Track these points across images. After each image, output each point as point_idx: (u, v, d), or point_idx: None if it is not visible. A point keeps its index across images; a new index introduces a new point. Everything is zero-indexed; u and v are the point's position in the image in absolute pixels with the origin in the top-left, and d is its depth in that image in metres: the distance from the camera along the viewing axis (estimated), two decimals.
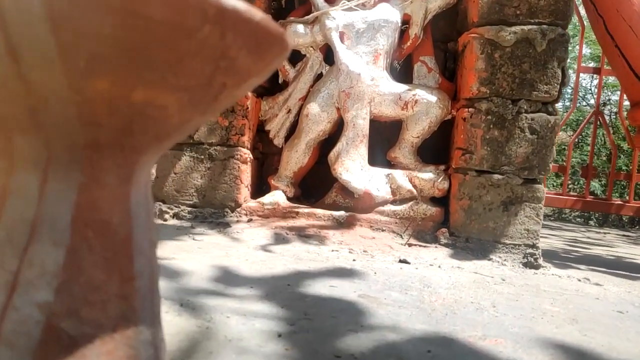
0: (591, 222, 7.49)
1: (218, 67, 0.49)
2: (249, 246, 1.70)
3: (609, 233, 4.50)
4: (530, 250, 1.90)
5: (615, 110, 9.25)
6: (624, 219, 6.93)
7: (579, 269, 2.01)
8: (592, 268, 2.05)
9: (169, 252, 1.49)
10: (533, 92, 1.92)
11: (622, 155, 7.02)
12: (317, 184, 2.32)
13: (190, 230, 1.91)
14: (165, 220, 2.07)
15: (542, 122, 1.93)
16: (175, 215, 2.09)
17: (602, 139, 7.42)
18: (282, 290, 1.17)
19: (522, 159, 1.92)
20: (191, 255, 1.48)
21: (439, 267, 1.68)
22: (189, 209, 2.09)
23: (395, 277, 1.45)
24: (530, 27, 1.92)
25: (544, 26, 1.92)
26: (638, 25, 2.09)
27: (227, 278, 1.25)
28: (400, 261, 1.70)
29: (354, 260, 1.64)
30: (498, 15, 1.94)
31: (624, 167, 6.74)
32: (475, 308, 1.22)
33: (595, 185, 6.88)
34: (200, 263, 1.38)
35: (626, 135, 4.54)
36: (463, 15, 2.15)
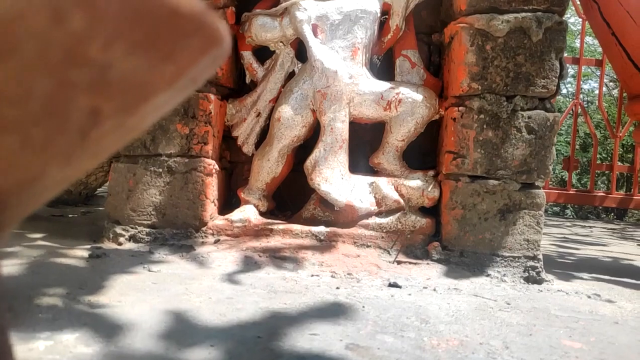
0: (567, 212, 7.46)
1: (69, 80, 0.25)
2: (214, 276, 1.46)
3: (594, 226, 4.40)
4: (531, 263, 1.71)
5: (587, 99, 9.26)
6: (599, 207, 6.91)
7: (582, 278, 1.83)
8: (595, 276, 1.88)
9: (115, 293, 1.24)
10: (529, 88, 1.73)
11: (588, 154, 6.99)
12: (293, 194, 2.09)
13: (148, 256, 1.65)
14: (120, 244, 1.81)
15: (540, 120, 1.73)
16: (132, 238, 1.83)
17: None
18: (251, 347, 0.94)
19: (520, 161, 1.73)
20: (143, 295, 1.23)
21: (434, 290, 1.47)
22: (148, 229, 1.84)
23: (388, 310, 1.23)
24: (524, 14, 1.72)
25: (540, 13, 1.72)
26: (637, 10, 1.91)
27: (184, 331, 1.01)
28: (390, 285, 1.48)
29: (337, 288, 1.41)
30: (488, 2, 1.74)
31: (597, 157, 6.71)
32: (487, 352, 1.02)
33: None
34: (152, 308, 1.14)
35: (607, 127, 4.44)
36: (448, 2, 1.94)
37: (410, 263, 1.70)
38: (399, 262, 1.70)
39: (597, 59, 4.51)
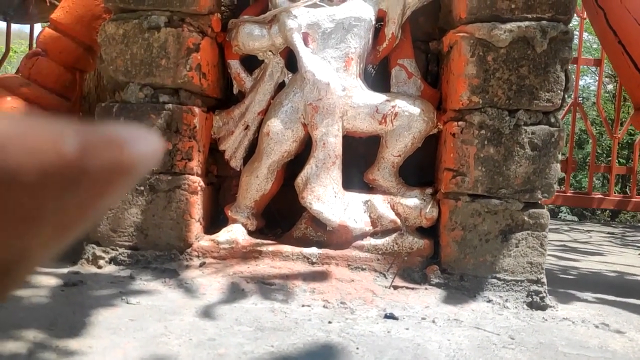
0: (562, 208, 7.40)
1: None
2: (197, 309, 1.36)
3: (592, 230, 4.32)
4: (534, 287, 1.62)
5: (583, 95, 9.19)
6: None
7: (586, 300, 1.75)
8: (599, 297, 1.79)
9: (88, 335, 1.14)
10: (533, 101, 1.63)
11: (588, 145, 6.92)
12: (284, 210, 1.98)
13: (128, 284, 1.55)
14: (100, 267, 1.70)
15: (543, 135, 1.64)
16: (113, 260, 1.73)
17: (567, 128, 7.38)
18: None
19: (522, 180, 1.64)
20: (117, 338, 1.13)
21: (433, 322, 1.38)
22: (129, 251, 1.73)
23: (384, 352, 1.14)
24: (528, 23, 1.62)
25: (544, 22, 1.62)
26: None
27: None
28: (387, 316, 1.39)
29: (329, 322, 1.32)
30: (490, 10, 1.64)
31: (589, 161, 6.64)
32: None
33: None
34: (125, 355, 1.04)
35: (605, 127, 4.37)
36: (447, 9, 1.83)
37: (407, 288, 1.60)
38: (395, 287, 1.60)
39: (596, 58, 4.43)
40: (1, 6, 3.05)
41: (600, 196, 4.09)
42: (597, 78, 4.40)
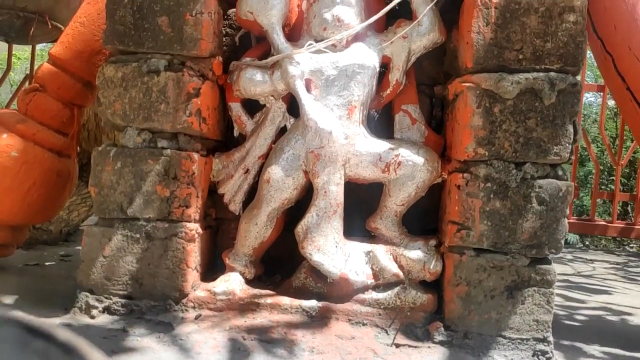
0: None
1: None
2: None
3: (595, 260, 4.27)
4: (540, 347, 1.57)
5: (584, 112, 9.17)
6: None
7: (593, 357, 1.70)
8: (607, 352, 1.74)
9: None
10: (540, 154, 1.59)
11: (584, 168, 6.89)
12: (283, 256, 1.93)
13: (121, 339, 1.50)
14: (93, 317, 1.65)
15: (551, 190, 1.59)
16: (106, 310, 1.68)
17: None
18: None
19: (529, 235, 1.59)
20: None
21: None
22: (123, 300, 1.68)
23: None
24: (536, 75, 1.58)
25: (552, 74, 1.59)
26: None
27: None
28: None
29: None
30: (497, 60, 1.60)
31: (590, 179, 6.57)
32: None
33: None
34: None
35: (608, 152, 4.34)
36: (452, 55, 1.80)
37: (409, 346, 1.55)
38: (397, 346, 1.55)
39: (599, 84, 4.40)
40: (2, 28, 3.02)
41: (603, 223, 4.05)
42: (597, 94, 4.36)
